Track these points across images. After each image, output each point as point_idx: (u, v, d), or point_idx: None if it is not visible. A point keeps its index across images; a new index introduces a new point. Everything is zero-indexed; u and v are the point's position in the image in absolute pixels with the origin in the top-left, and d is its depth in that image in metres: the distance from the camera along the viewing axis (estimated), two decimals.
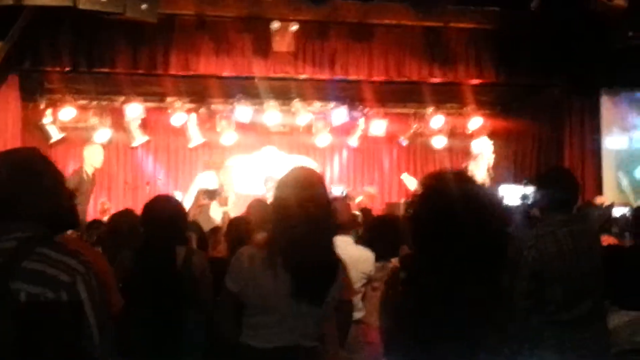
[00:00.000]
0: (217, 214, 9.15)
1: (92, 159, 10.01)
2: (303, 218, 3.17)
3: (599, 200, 9.57)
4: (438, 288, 1.99)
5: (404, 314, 2.11)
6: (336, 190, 10.47)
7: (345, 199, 8.85)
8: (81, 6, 7.35)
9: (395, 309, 2.22)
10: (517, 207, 6.79)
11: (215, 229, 7.28)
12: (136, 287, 4.17)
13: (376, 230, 5.96)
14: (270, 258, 3.18)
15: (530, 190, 5.81)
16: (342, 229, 5.42)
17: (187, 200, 9.49)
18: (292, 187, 3.27)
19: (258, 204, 5.95)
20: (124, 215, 6.02)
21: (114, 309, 3.66)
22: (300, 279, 3.15)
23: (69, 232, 5.43)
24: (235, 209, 8.90)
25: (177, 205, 4.78)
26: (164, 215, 4.42)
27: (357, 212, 8.09)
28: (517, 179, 10.05)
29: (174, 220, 4.47)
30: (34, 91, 10.78)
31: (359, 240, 5.84)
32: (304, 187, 3.26)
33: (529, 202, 5.88)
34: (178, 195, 8.42)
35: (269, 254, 3.20)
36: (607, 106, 11.06)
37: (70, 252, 2.47)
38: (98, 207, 10.62)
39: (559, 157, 11.30)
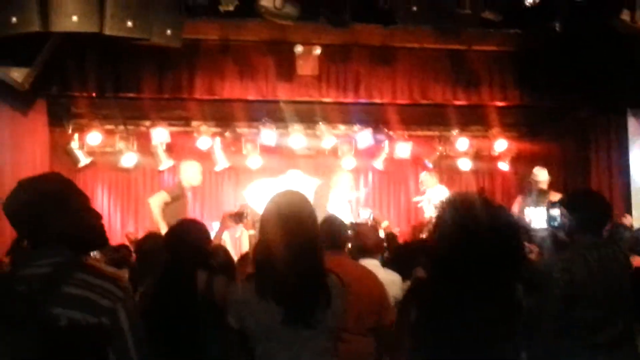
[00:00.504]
0: (244, 239, 9.12)
1: (186, 175, 10.09)
2: (286, 243, 3.19)
3: (626, 220, 9.45)
4: (458, 306, 1.99)
5: (424, 331, 2.12)
6: (363, 213, 10.46)
7: (372, 222, 8.85)
8: (107, 32, 7.42)
9: (413, 328, 2.23)
10: (544, 229, 6.73)
11: (245, 255, 7.26)
12: (157, 313, 4.16)
13: (402, 254, 5.94)
14: (258, 287, 3.20)
15: (555, 212, 5.76)
16: (370, 253, 5.42)
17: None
18: (275, 213, 3.30)
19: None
20: (151, 238, 6.07)
21: None
22: (286, 305, 3.15)
23: (93, 254, 5.49)
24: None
25: (202, 230, 4.76)
26: (187, 239, 4.42)
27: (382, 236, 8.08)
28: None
29: (197, 245, 4.46)
30: (62, 116, 10.93)
31: (386, 264, 5.84)
32: (287, 212, 3.28)
33: (556, 224, 5.83)
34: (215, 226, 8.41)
35: (257, 284, 3.22)
36: (634, 126, 10.94)
37: (109, 277, 2.51)
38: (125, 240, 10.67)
39: (586, 179, 11.21)
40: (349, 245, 5.60)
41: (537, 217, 9.80)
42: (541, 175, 10.59)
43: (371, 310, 4.66)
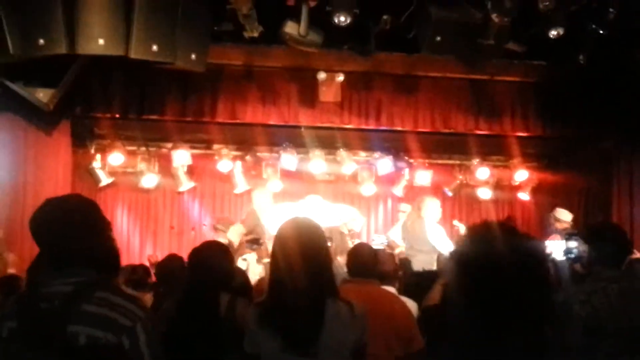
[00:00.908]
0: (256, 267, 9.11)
1: (258, 202, 10.19)
2: (294, 271, 3.20)
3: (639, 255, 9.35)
4: (480, 339, 1.96)
5: None
6: (377, 239, 10.42)
7: (387, 248, 8.82)
8: (133, 55, 7.49)
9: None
10: (561, 261, 6.68)
11: (261, 280, 7.25)
12: (178, 335, 4.12)
13: (417, 281, 5.92)
14: (262, 314, 3.24)
15: (573, 244, 5.72)
16: (387, 280, 5.40)
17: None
18: (284, 241, 3.30)
19: None
20: (171, 260, 6.08)
21: None
22: (285, 332, 3.16)
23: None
24: None
25: (224, 252, 4.70)
26: (209, 261, 4.41)
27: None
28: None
29: (221, 267, 4.45)
30: (85, 136, 11.02)
31: (400, 291, 5.81)
32: (297, 240, 3.28)
33: (572, 256, 5.79)
34: None
35: (262, 310, 3.25)
36: None
37: (130, 297, 2.55)
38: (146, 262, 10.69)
39: (607, 211, 11.11)
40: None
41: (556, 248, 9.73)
42: (564, 215, 10.47)
43: (399, 337, 4.63)
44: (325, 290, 3.31)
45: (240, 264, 8.82)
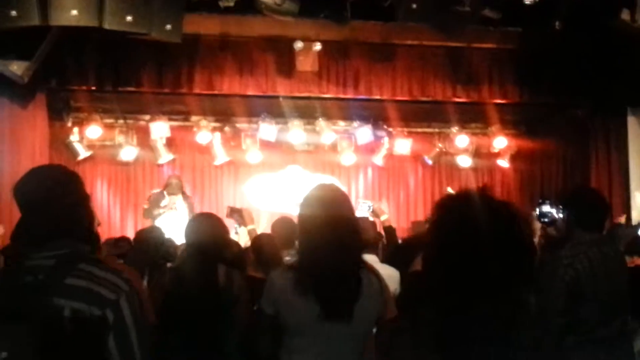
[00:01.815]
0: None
1: None
2: (328, 238, 3.16)
3: (621, 219, 9.46)
4: (459, 304, 1.98)
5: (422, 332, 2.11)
6: (363, 204, 10.37)
7: (371, 215, 8.81)
8: (107, 26, 7.43)
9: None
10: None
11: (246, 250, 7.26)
12: (176, 306, 4.13)
13: (401, 250, 5.92)
14: (298, 281, 3.17)
15: (546, 208, 5.76)
16: (367, 248, 5.41)
17: None
18: (315, 207, 3.26)
19: (282, 222, 5.94)
20: (150, 231, 6.06)
21: None
22: (326, 300, 3.14)
23: None
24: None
25: (220, 223, 4.69)
26: (207, 232, 4.41)
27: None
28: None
29: (216, 238, 4.46)
30: (61, 110, 10.93)
31: (384, 260, 5.83)
32: (328, 206, 3.25)
33: (547, 220, 5.83)
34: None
35: (298, 276, 3.19)
36: (634, 124, 10.93)
37: (114, 270, 2.50)
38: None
39: (585, 177, 11.20)
40: None
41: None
42: None
43: None
44: (358, 260, 3.32)
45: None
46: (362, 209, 9.89)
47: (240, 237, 9.00)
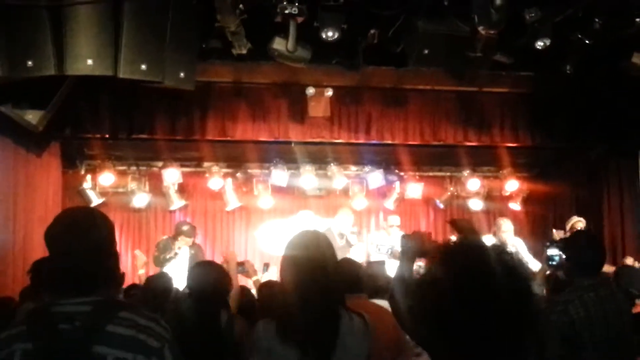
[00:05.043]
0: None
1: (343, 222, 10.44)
2: (303, 287, 3.20)
3: (628, 261, 9.41)
4: (462, 353, 1.94)
5: None
6: (382, 247, 10.12)
7: (386, 260, 8.70)
8: (122, 75, 7.47)
9: None
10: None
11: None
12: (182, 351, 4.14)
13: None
14: (279, 328, 3.21)
15: (554, 252, 5.75)
16: (379, 294, 5.37)
17: None
18: (295, 256, 3.29)
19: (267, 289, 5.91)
20: (159, 277, 6.10)
21: None
22: (303, 344, 3.16)
23: None
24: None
25: (222, 271, 4.86)
26: (210, 280, 4.46)
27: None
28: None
29: (219, 286, 4.49)
30: (75, 157, 11.03)
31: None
32: (304, 250, 3.29)
33: (554, 264, 5.82)
34: None
35: (279, 323, 3.23)
36: None
37: (154, 318, 2.49)
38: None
39: (597, 220, 11.17)
40: None
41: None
42: (505, 225, 10.35)
43: (389, 348, 4.62)
44: (338, 303, 3.34)
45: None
46: (380, 252, 9.82)
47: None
